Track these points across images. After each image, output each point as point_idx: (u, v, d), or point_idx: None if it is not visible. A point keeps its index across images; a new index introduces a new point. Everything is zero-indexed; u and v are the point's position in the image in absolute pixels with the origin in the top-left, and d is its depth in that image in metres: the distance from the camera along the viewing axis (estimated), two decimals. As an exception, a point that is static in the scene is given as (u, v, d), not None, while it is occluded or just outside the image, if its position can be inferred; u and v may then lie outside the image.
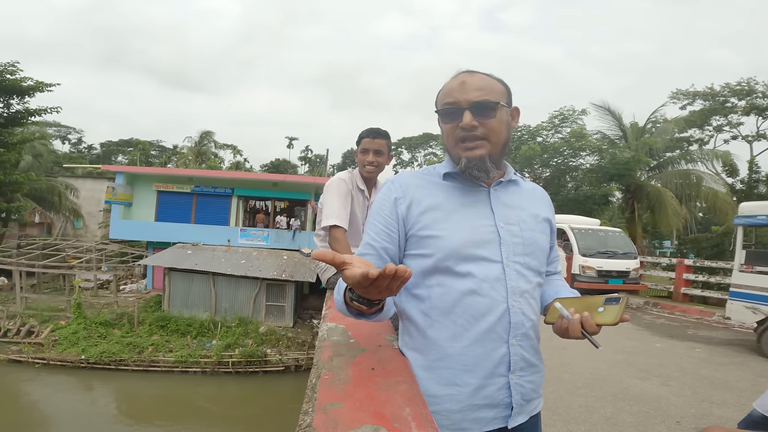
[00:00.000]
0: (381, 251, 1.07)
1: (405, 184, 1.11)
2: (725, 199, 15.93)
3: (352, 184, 2.25)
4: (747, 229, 7.81)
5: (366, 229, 1.13)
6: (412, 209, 1.07)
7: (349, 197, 2.20)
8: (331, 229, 2.09)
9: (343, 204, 2.14)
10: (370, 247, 1.08)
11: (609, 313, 0.96)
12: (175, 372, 12.38)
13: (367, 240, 1.10)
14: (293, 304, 14.54)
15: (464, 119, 1.03)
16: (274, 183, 18.01)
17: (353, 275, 0.75)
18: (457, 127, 1.05)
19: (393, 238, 1.08)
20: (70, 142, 47.60)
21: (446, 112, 1.07)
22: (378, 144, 2.22)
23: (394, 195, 1.10)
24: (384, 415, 0.75)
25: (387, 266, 0.73)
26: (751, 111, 20.48)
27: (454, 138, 1.07)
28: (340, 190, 2.18)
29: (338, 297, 0.98)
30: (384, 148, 2.24)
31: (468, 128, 1.04)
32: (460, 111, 1.04)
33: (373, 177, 2.30)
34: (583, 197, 19.07)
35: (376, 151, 2.22)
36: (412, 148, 56.59)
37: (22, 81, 18.10)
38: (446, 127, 1.09)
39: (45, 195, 22.67)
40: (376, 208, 1.12)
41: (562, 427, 3.62)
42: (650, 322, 8.81)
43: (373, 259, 1.05)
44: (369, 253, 1.08)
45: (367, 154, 2.22)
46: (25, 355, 12.40)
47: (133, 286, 17.80)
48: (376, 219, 1.10)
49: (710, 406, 4.20)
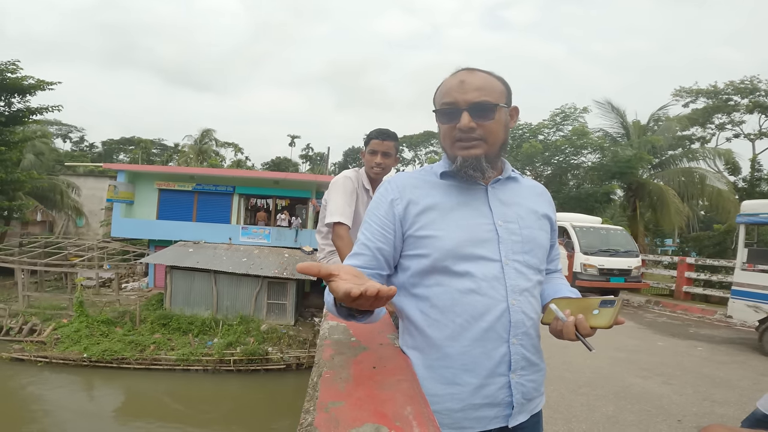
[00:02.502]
0: (375, 251, 1.07)
1: (401, 185, 1.11)
2: (728, 197, 15.88)
3: (358, 182, 2.26)
4: (749, 227, 7.79)
5: (361, 229, 1.12)
6: (410, 210, 1.07)
7: (354, 195, 2.21)
8: (334, 226, 2.10)
9: (348, 202, 2.16)
10: (365, 248, 1.08)
11: (603, 316, 0.96)
12: (177, 370, 12.40)
13: (362, 240, 1.09)
14: (294, 302, 14.56)
15: (462, 121, 1.02)
16: (276, 181, 18.02)
17: (337, 289, 0.74)
18: (455, 128, 1.04)
19: (388, 238, 1.07)
20: (71, 140, 47.61)
21: (444, 113, 1.06)
22: (387, 146, 2.24)
23: (390, 196, 1.09)
24: (385, 414, 0.75)
25: (368, 287, 0.72)
26: (754, 109, 20.40)
27: (451, 138, 1.06)
28: (346, 188, 2.19)
29: (328, 298, 0.97)
30: (392, 150, 2.25)
31: (466, 130, 1.03)
32: (458, 112, 1.03)
33: (380, 178, 2.31)
34: (585, 195, 19.05)
35: (384, 153, 2.24)
36: (413, 146, 56.51)
37: (23, 80, 18.16)
38: (444, 127, 1.08)
39: (47, 193, 22.74)
40: (372, 208, 1.12)
41: (563, 425, 3.62)
42: (652, 320, 8.80)
43: (367, 259, 1.06)
44: (363, 253, 1.07)
45: (375, 155, 2.23)
46: (28, 353, 12.43)
47: (134, 285, 17.83)
48: (372, 219, 1.10)
49: (712, 405, 4.19)
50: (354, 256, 1.09)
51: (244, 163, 43.60)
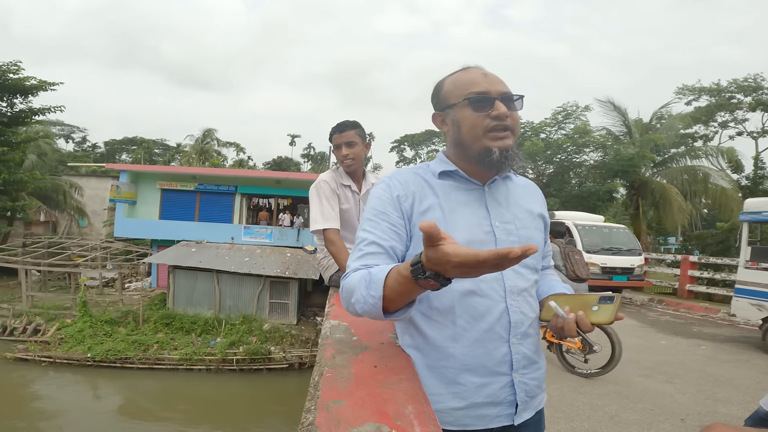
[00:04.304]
0: (390, 251, 1.01)
1: (405, 181, 1.08)
2: (731, 195, 15.82)
3: (336, 182, 2.23)
4: (752, 225, 7.76)
5: (366, 228, 1.05)
6: (415, 208, 1.05)
7: (335, 197, 2.19)
8: (324, 232, 2.09)
9: (329, 205, 2.14)
10: (379, 247, 1.00)
11: (604, 312, 0.96)
12: (180, 370, 12.44)
13: (372, 239, 1.01)
14: (297, 301, 14.58)
15: (499, 108, 1.01)
16: (278, 180, 18.04)
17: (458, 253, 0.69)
18: (486, 117, 1.02)
19: (401, 236, 1.03)
20: (74, 140, 47.76)
21: (476, 101, 1.02)
22: (347, 136, 2.20)
23: (396, 192, 1.06)
24: (386, 413, 0.75)
25: (512, 249, 0.66)
26: (757, 107, 20.32)
27: (482, 128, 1.02)
28: (324, 192, 2.17)
29: (367, 292, 0.87)
30: (355, 138, 2.21)
31: (503, 117, 1.01)
32: (491, 100, 1.02)
33: (356, 169, 2.28)
34: (587, 193, 18.99)
35: (348, 144, 2.20)
36: (414, 145, 56.48)
37: (24, 80, 18.21)
38: (472, 117, 1.03)
39: (50, 194, 22.83)
40: (377, 205, 1.06)
41: (565, 424, 3.62)
42: (655, 319, 8.78)
43: (382, 259, 0.99)
44: (377, 252, 1.00)
45: (340, 149, 2.21)
46: (32, 353, 12.48)
47: (137, 284, 17.89)
48: (380, 217, 1.04)
49: (715, 404, 4.18)
50: (367, 256, 1.00)
51: (246, 162, 43.70)
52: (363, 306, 0.89)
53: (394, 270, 0.85)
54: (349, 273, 0.98)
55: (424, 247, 0.74)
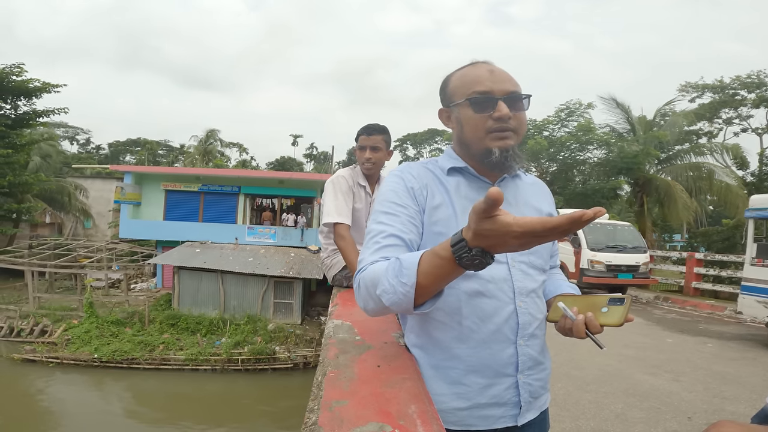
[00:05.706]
0: (410, 244, 0.97)
1: (417, 174, 1.06)
2: (736, 192, 15.72)
3: (353, 180, 2.25)
4: (758, 222, 7.72)
5: (382, 220, 1.00)
6: (429, 202, 1.03)
7: (351, 194, 2.21)
8: (335, 226, 2.10)
9: (344, 201, 2.16)
10: (399, 239, 0.96)
11: (613, 313, 0.93)
12: (186, 370, 12.50)
13: (391, 231, 0.97)
14: (301, 301, 14.61)
15: (501, 110, 0.98)
16: (281, 181, 18.08)
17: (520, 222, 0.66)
18: (489, 118, 1.00)
19: (419, 230, 1.01)
20: (78, 142, 48.09)
21: (477, 102, 1.00)
22: (374, 140, 2.22)
23: (410, 184, 1.03)
24: (389, 413, 0.75)
25: (585, 212, 0.63)
26: (761, 103, 20.18)
27: (484, 129, 1.00)
28: (341, 187, 2.18)
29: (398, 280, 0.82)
30: (381, 144, 2.23)
31: (505, 119, 0.99)
32: (494, 101, 0.99)
33: (374, 173, 2.30)
34: (591, 191, 18.92)
35: (373, 148, 2.22)
36: (417, 144, 56.49)
37: (28, 82, 18.31)
38: (474, 117, 1.01)
39: (55, 195, 22.97)
40: (392, 197, 1.03)
41: (571, 423, 3.61)
42: (661, 316, 8.74)
43: (403, 252, 0.94)
44: (397, 245, 0.96)
45: (364, 151, 2.23)
46: (39, 354, 12.57)
47: (143, 285, 17.99)
48: (396, 210, 1.00)
49: (722, 402, 4.16)
50: (386, 248, 0.95)
51: (249, 163, 43.86)
52: (392, 297, 0.83)
53: (428, 253, 0.80)
54: (366, 266, 0.94)
55: (478, 220, 0.68)
